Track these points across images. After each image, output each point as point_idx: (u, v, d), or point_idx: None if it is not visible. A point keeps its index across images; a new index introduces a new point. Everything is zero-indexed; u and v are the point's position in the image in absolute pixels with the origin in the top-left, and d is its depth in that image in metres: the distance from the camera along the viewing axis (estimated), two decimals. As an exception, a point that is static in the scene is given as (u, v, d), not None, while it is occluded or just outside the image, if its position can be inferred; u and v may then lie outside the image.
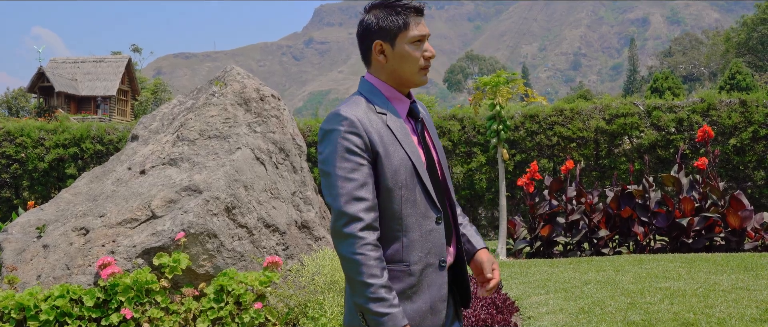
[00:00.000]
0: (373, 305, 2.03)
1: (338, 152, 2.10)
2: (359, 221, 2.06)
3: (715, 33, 73.54)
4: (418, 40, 2.22)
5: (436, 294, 2.18)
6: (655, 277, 7.12)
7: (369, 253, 2.05)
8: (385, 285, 2.05)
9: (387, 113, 2.20)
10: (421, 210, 2.17)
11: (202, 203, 5.24)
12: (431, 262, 2.18)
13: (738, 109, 13.07)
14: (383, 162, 2.13)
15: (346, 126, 2.12)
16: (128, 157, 6.42)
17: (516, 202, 13.34)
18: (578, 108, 13.64)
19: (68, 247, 5.38)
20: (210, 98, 6.37)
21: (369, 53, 2.26)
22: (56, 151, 14.43)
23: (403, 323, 2.05)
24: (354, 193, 2.07)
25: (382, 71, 2.25)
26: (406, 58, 2.21)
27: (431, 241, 2.18)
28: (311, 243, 6.08)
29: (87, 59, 44.58)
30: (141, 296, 4.87)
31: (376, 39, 2.23)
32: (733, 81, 34.51)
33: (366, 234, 2.06)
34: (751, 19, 52.07)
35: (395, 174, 2.13)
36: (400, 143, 2.17)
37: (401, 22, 2.21)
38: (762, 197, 12.84)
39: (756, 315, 5.28)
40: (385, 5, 2.24)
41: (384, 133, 2.16)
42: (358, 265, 2.04)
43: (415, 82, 2.25)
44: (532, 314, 5.87)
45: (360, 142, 2.11)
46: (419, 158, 2.20)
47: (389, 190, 2.13)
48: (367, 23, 2.25)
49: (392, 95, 2.26)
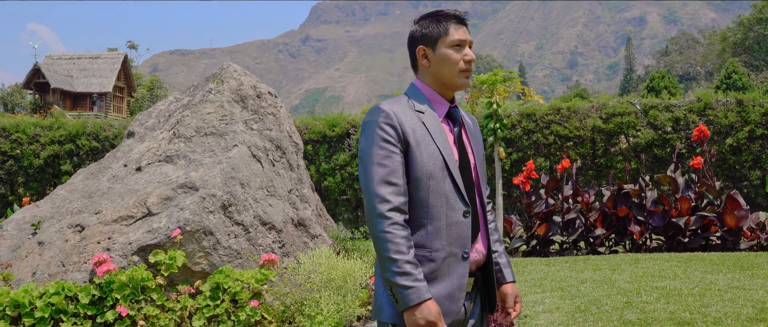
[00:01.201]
0: (399, 279, 2.18)
1: (375, 141, 2.28)
2: (388, 203, 2.22)
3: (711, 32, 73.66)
4: (457, 44, 2.41)
5: (456, 283, 2.30)
6: (651, 276, 7.12)
7: (396, 231, 2.20)
8: (411, 261, 2.20)
9: (425, 111, 2.38)
10: (448, 201, 2.31)
11: (199, 201, 5.22)
12: (454, 251, 2.31)
13: (734, 109, 13.08)
14: (414, 153, 2.29)
15: (382, 118, 2.30)
16: (124, 154, 6.40)
17: (513, 200, 13.35)
18: (575, 107, 13.65)
19: (64, 244, 5.36)
20: (207, 95, 6.35)
21: (415, 59, 2.47)
22: (52, 147, 14.39)
23: (427, 297, 2.18)
24: (386, 177, 2.25)
25: (426, 75, 2.44)
26: (445, 61, 2.40)
27: (456, 232, 2.31)
28: (307, 241, 6.07)
29: (83, 56, 44.46)
30: (136, 294, 4.85)
31: (420, 44, 2.44)
32: (729, 80, 34.58)
33: (394, 214, 2.22)
34: (748, 18, 52.17)
35: (424, 165, 2.30)
36: (432, 138, 2.33)
37: (442, 29, 2.41)
38: (758, 197, 12.86)
39: (752, 314, 5.28)
40: (429, 16, 2.46)
41: (418, 127, 2.33)
42: (386, 242, 2.20)
43: (455, 83, 2.42)
44: (528, 313, 5.87)
45: (393, 132, 2.29)
46: (451, 154, 2.35)
47: (418, 179, 2.29)
48: (413, 32, 2.47)
49: (433, 98, 2.44)
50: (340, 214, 14.08)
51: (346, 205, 14.04)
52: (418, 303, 2.16)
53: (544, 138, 13.45)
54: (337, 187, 13.85)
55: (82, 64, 43.37)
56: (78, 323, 4.77)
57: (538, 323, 5.52)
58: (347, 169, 13.89)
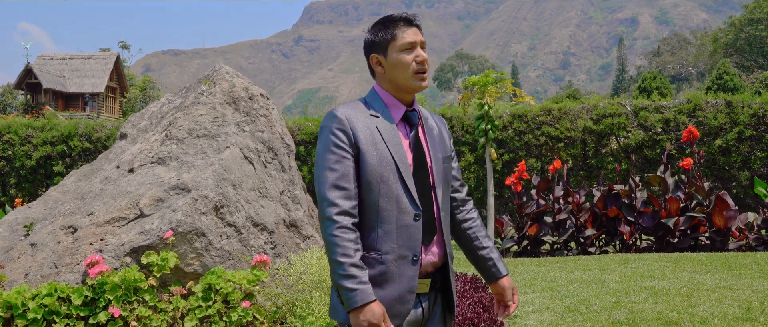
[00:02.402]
0: (345, 281, 2.22)
1: (327, 146, 2.34)
2: (337, 206, 2.27)
3: (703, 33, 74.00)
4: (408, 47, 2.43)
5: (405, 285, 2.34)
6: (640, 276, 7.20)
7: (343, 235, 2.25)
8: (357, 264, 2.24)
9: (379, 116, 2.42)
10: (399, 205, 2.35)
11: (191, 202, 5.25)
12: (404, 254, 2.34)
13: (724, 110, 13.18)
14: (365, 157, 2.33)
15: (335, 123, 2.36)
16: (117, 156, 6.42)
17: (504, 201, 13.41)
18: (566, 108, 13.72)
19: (56, 246, 5.38)
20: (199, 97, 6.38)
21: (370, 66, 2.51)
22: (44, 148, 14.37)
23: (371, 299, 2.22)
24: (335, 182, 2.30)
25: (383, 81, 2.49)
26: (398, 66, 2.42)
27: (406, 235, 2.35)
28: (299, 242, 6.11)
29: (75, 56, 44.33)
30: (129, 295, 4.87)
31: (372, 53, 2.48)
32: (720, 81, 34.77)
33: (342, 218, 2.26)
34: (739, 19, 52.46)
35: (374, 169, 2.33)
36: (384, 142, 2.36)
37: (390, 34, 2.44)
38: (747, 197, 12.96)
39: (738, 314, 5.35)
40: (378, 22, 2.50)
41: (371, 131, 2.36)
42: (333, 245, 2.25)
43: (411, 86, 2.44)
44: (518, 313, 5.92)
45: (345, 137, 2.33)
46: (404, 158, 2.38)
47: (369, 183, 2.33)
48: (365, 41, 2.52)
49: (391, 102, 2.46)
50: (333, 215, 14.09)
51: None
52: (363, 305, 2.21)
53: (535, 139, 13.52)
54: (329, 187, 13.88)
55: (74, 64, 43.24)
56: (71, 324, 4.79)
57: (528, 323, 5.58)
58: (340, 169, 13.92)
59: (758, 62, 50.40)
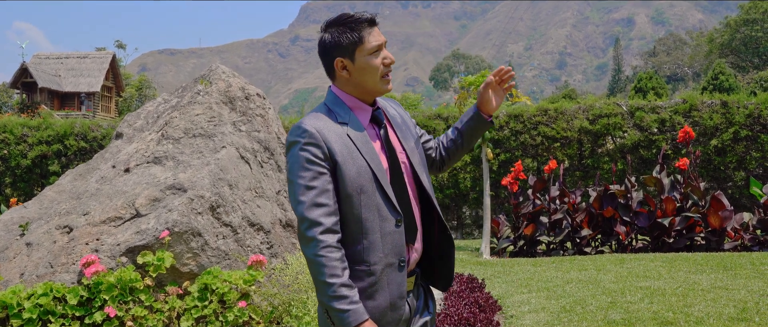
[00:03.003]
0: (336, 303, 2.14)
1: (300, 162, 2.22)
2: (320, 225, 2.17)
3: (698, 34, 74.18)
4: (375, 50, 2.32)
5: (395, 292, 2.29)
6: (636, 276, 7.21)
7: (330, 254, 2.15)
8: (346, 283, 2.16)
9: (348, 123, 2.31)
10: (381, 214, 2.27)
11: (187, 202, 5.25)
12: (391, 262, 2.28)
13: (719, 110, 13.21)
14: (342, 170, 2.23)
15: (306, 138, 2.23)
16: (112, 155, 6.41)
17: (500, 201, 13.42)
18: (562, 108, 13.74)
19: (52, 245, 5.37)
20: (195, 97, 6.37)
21: (332, 70, 2.37)
22: (39, 147, 14.34)
23: (363, 318, 2.16)
24: (315, 199, 2.19)
25: (347, 84, 2.36)
26: (366, 70, 2.31)
27: (391, 242, 2.28)
28: (296, 242, 6.11)
29: (71, 55, 44.26)
30: (125, 295, 4.87)
31: (337, 56, 2.33)
32: (716, 81, 34.85)
33: (326, 237, 2.17)
34: (735, 20, 52.61)
35: (354, 181, 2.24)
36: (359, 151, 2.27)
37: (356, 37, 2.30)
38: (742, 197, 12.99)
39: (733, 314, 5.36)
40: (339, 22, 2.34)
41: (343, 142, 2.26)
42: (320, 266, 2.15)
43: (378, 90, 2.35)
44: (514, 313, 5.93)
45: (319, 152, 2.22)
46: (380, 165, 2.29)
47: (349, 196, 2.24)
48: (325, 42, 2.35)
49: (355, 105, 2.36)
50: (329, 215, 14.10)
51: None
52: (356, 325, 2.15)
53: (531, 139, 13.54)
54: (325, 187, 13.88)
55: (70, 63, 43.18)
56: (66, 324, 4.78)
57: (524, 323, 5.59)
58: (336, 169, 13.91)
59: (754, 63, 50.53)
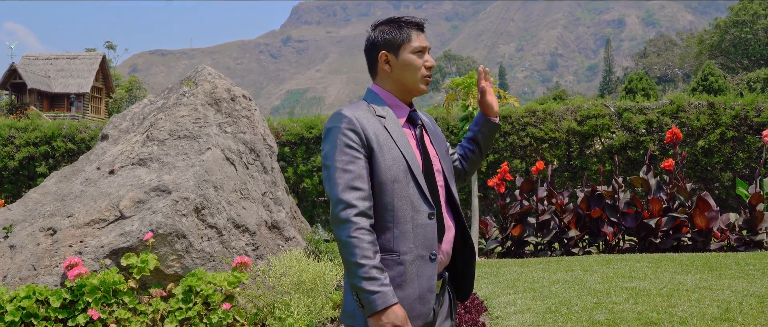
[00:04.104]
0: (365, 284, 2.17)
1: (338, 147, 2.29)
2: (354, 207, 2.22)
3: (688, 35, 74.58)
4: (419, 50, 2.44)
5: (425, 284, 2.31)
6: (621, 276, 7.23)
7: (362, 236, 2.19)
8: (377, 266, 2.19)
9: (386, 116, 2.40)
10: (413, 204, 2.32)
11: (171, 204, 5.24)
12: (421, 254, 2.31)
13: (706, 111, 13.27)
14: (377, 158, 2.31)
15: (345, 123, 2.31)
16: (97, 157, 6.39)
17: (488, 202, 13.44)
18: (550, 109, 13.77)
19: (35, 248, 5.35)
20: (180, 98, 6.36)
21: (375, 64, 2.47)
22: (27, 149, 14.27)
23: (392, 301, 2.18)
24: (350, 183, 2.25)
25: (386, 80, 2.47)
26: (408, 67, 2.43)
27: (422, 234, 2.33)
28: (281, 243, 6.10)
29: (60, 56, 44.06)
30: (108, 297, 4.85)
31: (382, 50, 2.44)
32: (705, 82, 35.04)
33: (360, 219, 2.21)
34: (724, 21, 52.89)
35: (388, 169, 2.31)
36: (395, 142, 2.35)
37: (404, 35, 2.44)
38: (729, 198, 13.06)
39: (717, 314, 5.39)
40: (389, 22, 2.48)
41: (380, 132, 2.34)
42: (352, 248, 2.19)
43: (417, 89, 2.46)
44: (500, 314, 5.94)
45: (356, 138, 2.30)
46: (414, 157, 2.37)
47: (382, 184, 2.30)
48: (374, 38, 2.48)
49: (393, 103, 2.46)
50: (318, 216, 14.09)
51: (324, 206, 14.06)
52: (384, 308, 2.16)
53: (519, 140, 13.57)
54: (315, 188, 13.87)
55: (60, 64, 42.98)
56: (49, 327, 4.77)
57: (509, 324, 5.60)
58: (325, 170, 13.88)
59: (743, 64, 50.82)
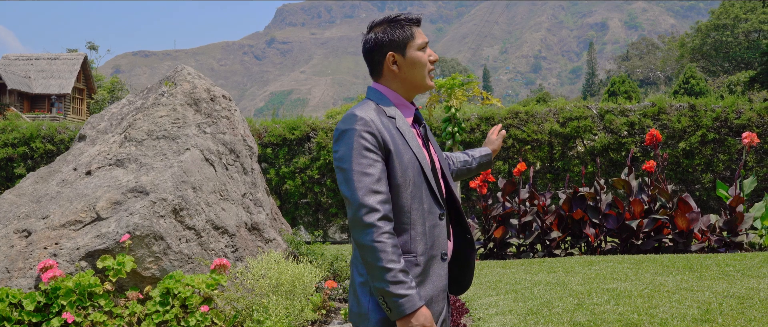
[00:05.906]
0: (393, 288, 2.16)
1: (355, 149, 2.25)
2: (377, 212, 2.20)
3: (670, 38, 75.17)
4: (423, 46, 2.44)
5: (438, 284, 2.34)
6: (603, 278, 7.24)
7: (387, 240, 2.18)
8: (403, 269, 2.19)
9: (396, 117, 2.38)
10: (426, 206, 2.33)
11: (149, 205, 5.17)
12: (435, 254, 2.34)
13: (687, 114, 13.36)
14: (394, 160, 2.29)
15: (361, 125, 2.27)
16: (74, 158, 6.30)
17: (471, 203, 13.44)
18: (533, 111, 13.79)
19: (9, 250, 5.26)
20: (159, 98, 6.29)
21: (380, 65, 2.43)
22: (5, 150, 14.09)
23: (420, 304, 2.18)
24: (371, 186, 2.22)
25: (393, 80, 2.44)
26: (416, 64, 2.42)
27: (435, 235, 2.35)
28: (261, 245, 6.04)
29: (41, 56, 43.64)
30: (83, 300, 4.77)
31: (389, 51, 2.41)
32: (687, 85, 35.35)
33: (383, 223, 2.20)
34: (705, 25, 53.37)
35: (404, 172, 2.30)
36: (408, 144, 2.34)
37: (408, 33, 2.42)
38: (710, 199, 13.15)
39: (697, 315, 5.40)
40: (388, 21, 2.45)
41: (394, 134, 2.33)
42: (378, 252, 2.17)
43: (424, 85, 2.46)
44: (481, 315, 5.92)
45: (374, 140, 2.27)
46: (425, 158, 2.38)
47: (399, 186, 2.29)
48: (377, 39, 2.43)
49: (399, 102, 2.44)
50: (301, 218, 14.02)
51: (306, 208, 13.99)
52: (413, 311, 2.17)
53: (502, 142, 13.57)
54: (297, 190, 13.80)
55: (41, 65, 42.57)
56: (23, 330, 4.68)
57: (491, 326, 5.57)
58: (307, 172, 13.84)
59: (724, 67, 51.30)
